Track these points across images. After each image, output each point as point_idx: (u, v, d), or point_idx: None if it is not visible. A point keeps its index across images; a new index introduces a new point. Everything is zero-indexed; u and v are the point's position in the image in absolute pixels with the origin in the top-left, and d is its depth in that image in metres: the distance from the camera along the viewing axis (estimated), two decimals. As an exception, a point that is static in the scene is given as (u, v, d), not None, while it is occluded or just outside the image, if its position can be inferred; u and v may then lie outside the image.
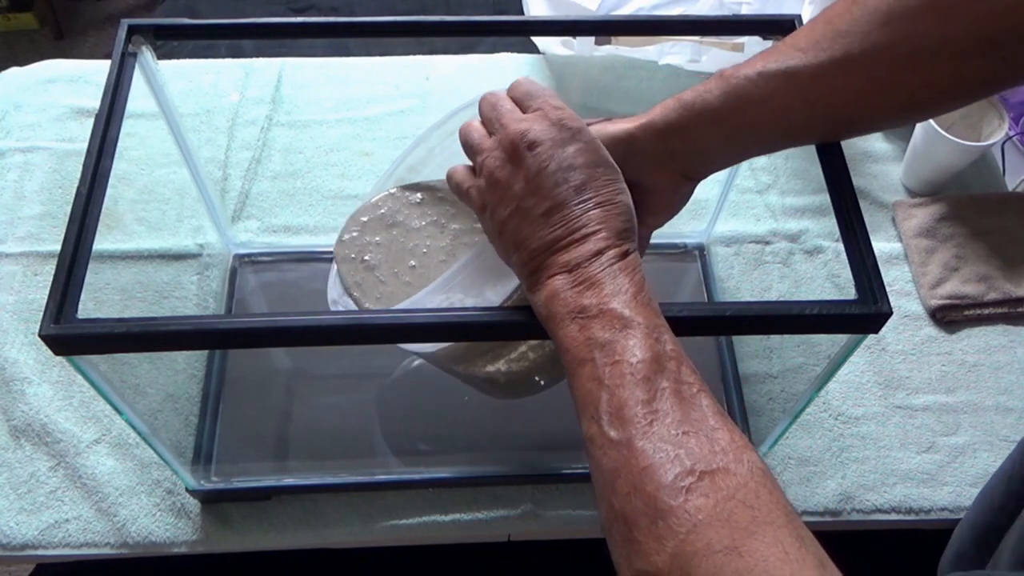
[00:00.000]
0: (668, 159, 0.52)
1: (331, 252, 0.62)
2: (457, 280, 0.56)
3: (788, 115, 0.49)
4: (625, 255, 0.44)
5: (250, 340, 0.56)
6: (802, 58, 0.48)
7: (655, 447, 0.37)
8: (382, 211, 0.62)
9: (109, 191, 0.52)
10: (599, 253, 0.43)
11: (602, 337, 0.41)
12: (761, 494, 0.36)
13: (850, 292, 0.48)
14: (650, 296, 0.43)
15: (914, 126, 0.91)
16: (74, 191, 0.51)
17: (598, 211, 0.44)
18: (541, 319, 0.45)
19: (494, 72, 1.05)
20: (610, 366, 0.40)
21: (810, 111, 0.49)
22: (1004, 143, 1.11)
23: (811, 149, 0.54)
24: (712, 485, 0.36)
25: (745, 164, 0.93)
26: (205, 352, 0.79)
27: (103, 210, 0.51)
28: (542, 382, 0.61)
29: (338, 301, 0.61)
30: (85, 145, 0.53)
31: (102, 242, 0.85)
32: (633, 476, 0.37)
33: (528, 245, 0.46)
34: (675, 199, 0.55)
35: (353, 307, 0.59)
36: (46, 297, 0.46)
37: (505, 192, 0.47)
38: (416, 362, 0.78)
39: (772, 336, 0.84)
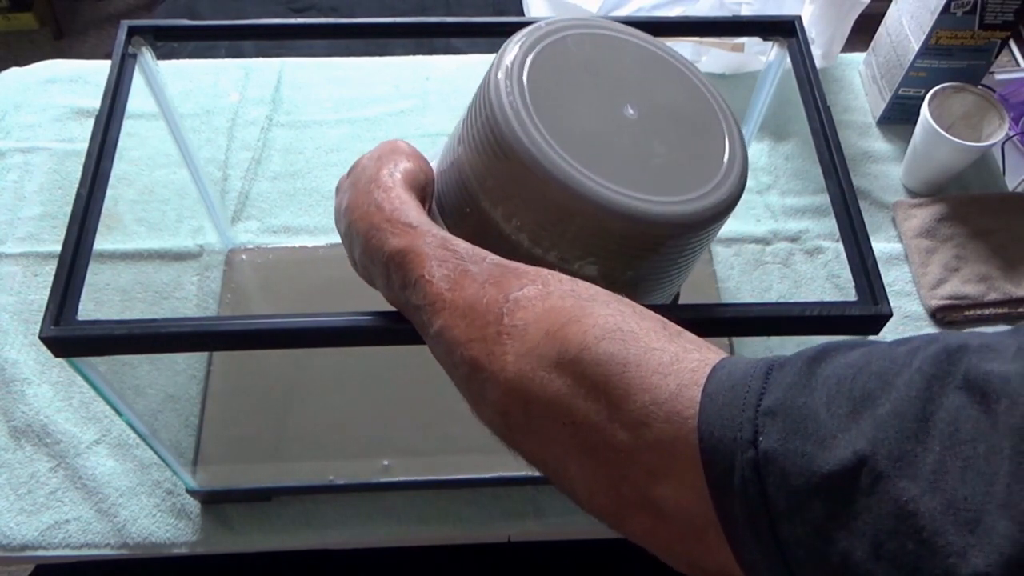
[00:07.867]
0: None
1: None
2: None
3: None
4: (381, 207, 0.46)
5: (250, 342, 0.56)
6: None
7: (467, 295, 0.40)
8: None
9: (109, 192, 0.52)
10: (358, 225, 0.47)
11: (399, 276, 0.44)
12: (577, 288, 0.39)
13: (850, 293, 0.49)
14: (418, 214, 0.46)
15: (914, 126, 0.91)
16: (74, 192, 0.51)
17: (367, 192, 0.49)
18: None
19: (494, 72, 1.04)
20: (415, 286, 0.43)
21: None
22: (1004, 143, 1.11)
23: (811, 149, 0.54)
24: (528, 296, 0.39)
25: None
26: (205, 352, 0.79)
27: (103, 211, 0.51)
28: None
29: None
30: (85, 145, 0.53)
31: (102, 243, 0.85)
32: (458, 332, 0.40)
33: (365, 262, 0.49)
34: None
35: None
36: (46, 298, 0.46)
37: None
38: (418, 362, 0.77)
39: (772, 337, 0.84)
